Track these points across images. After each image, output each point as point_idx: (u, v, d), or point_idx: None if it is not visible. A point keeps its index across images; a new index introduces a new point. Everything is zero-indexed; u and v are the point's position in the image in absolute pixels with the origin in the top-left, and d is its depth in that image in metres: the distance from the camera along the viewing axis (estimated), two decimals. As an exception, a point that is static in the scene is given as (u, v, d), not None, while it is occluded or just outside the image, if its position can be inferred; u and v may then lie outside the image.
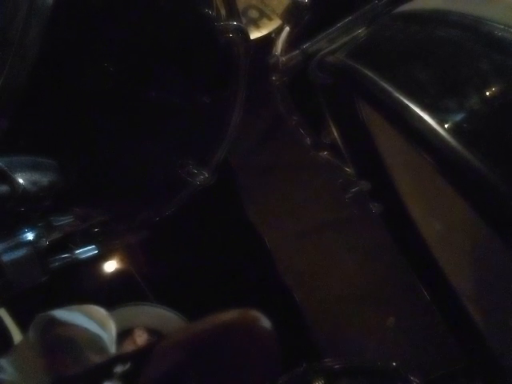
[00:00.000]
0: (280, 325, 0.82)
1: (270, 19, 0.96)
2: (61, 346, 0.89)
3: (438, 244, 0.63)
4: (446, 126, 0.34)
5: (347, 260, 1.25)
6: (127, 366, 0.77)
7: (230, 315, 0.79)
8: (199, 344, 0.78)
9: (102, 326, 0.95)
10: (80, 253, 0.60)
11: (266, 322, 0.78)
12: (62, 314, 0.92)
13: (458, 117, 0.35)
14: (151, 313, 1.23)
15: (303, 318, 1.28)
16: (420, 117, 0.35)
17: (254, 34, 0.94)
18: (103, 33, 0.48)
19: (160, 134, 0.59)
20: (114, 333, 0.98)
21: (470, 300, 0.62)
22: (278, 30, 0.80)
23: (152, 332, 1.19)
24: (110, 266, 1.31)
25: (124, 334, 1.13)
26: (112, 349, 0.94)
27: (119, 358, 0.81)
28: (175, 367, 0.75)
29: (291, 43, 0.73)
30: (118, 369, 0.77)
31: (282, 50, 0.74)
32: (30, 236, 0.48)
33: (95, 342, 0.92)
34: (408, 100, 0.37)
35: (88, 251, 0.61)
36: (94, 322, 0.94)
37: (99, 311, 0.98)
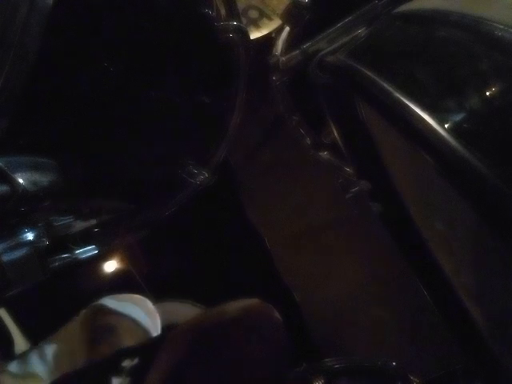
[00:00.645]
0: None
1: (270, 19, 0.96)
2: (101, 334, 0.89)
3: (438, 244, 0.63)
4: (446, 126, 0.34)
5: (347, 260, 1.25)
6: (135, 360, 0.77)
7: (240, 305, 0.79)
8: (208, 335, 0.78)
9: (150, 316, 0.96)
10: (80, 253, 0.60)
11: (277, 314, 0.78)
12: (111, 302, 0.93)
13: (458, 117, 0.35)
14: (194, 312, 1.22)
15: (303, 318, 1.28)
16: (420, 117, 0.35)
17: (254, 34, 0.94)
18: (103, 33, 0.48)
19: (160, 133, 0.59)
20: (159, 326, 0.98)
21: (470, 300, 0.62)
22: (278, 30, 0.80)
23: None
24: (110, 266, 1.31)
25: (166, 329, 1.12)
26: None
27: (127, 353, 0.81)
28: (184, 359, 0.75)
29: (291, 43, 0.73)
30: (126, 363, 0.77)
31: (281, 50, 0.74)
32: (30, 236, 0.48)
33: (138, 332, 0.92)
34: (408, 100, 0.37)
35: (88, 251, 0.61)
36: (142, 311, 0.95)
37: (147, 302, 0.98)
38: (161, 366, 0.74)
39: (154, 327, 0.96)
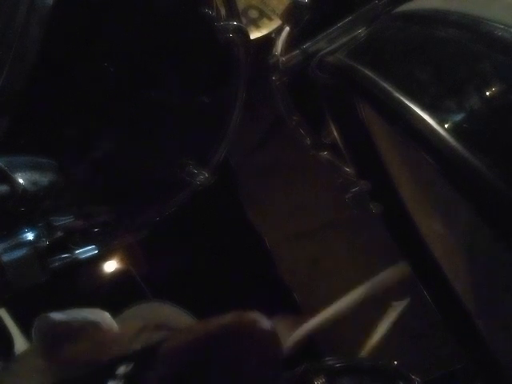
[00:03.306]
0: (280, 325, 0.81)
1: (270, 19, 0.96)
2: (60, 337, 0.88)
3: (438, 244, 0.63)
4: (446, 126, 0.34)
5: (347, 260, 1.25)
6: (130, 366, 0.77)
7: (227, 319, 0.79)
8: (199, 349, 0.77)
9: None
10: (80, 253, 0.60)
11: (265, 324, 0.78)
12: (59, 314, 0.92)
13: (458, 117, 0.35)
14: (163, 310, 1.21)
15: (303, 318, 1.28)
16: (420, 117, 0.35)
17: (254, 34, 0.93)
18: (103, 33, 0.48)
19: (160, 134, 0.59)
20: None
21: (469, 300, 0.62)
22: (278, 30, 0.80)
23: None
24: (110, 266, 1.31)
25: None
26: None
27: (122, 359, 0.80)
28: (176, 373, 0.75)
29: (291, 43, 0.73)
30: (121, 370, 0.77)
31: (282, 50, 0.74)
32: (30, 236, 0.48)
33: (93, 325, 0.91)
34: (408, 100, 0.37)
35: (88, 251, 0.61)
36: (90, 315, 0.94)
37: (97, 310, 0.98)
38: (157, 379, 0.74)
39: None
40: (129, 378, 0.75)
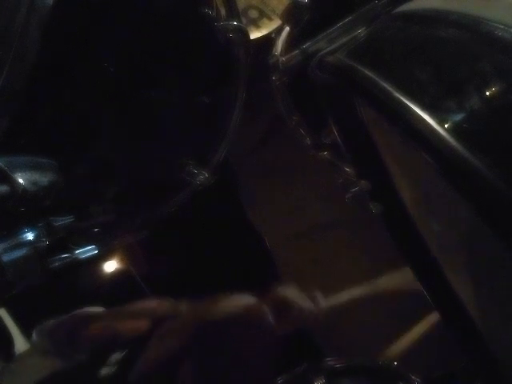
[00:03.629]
0: (280, 325, 0.81)
1: (270, 19, 0.96)
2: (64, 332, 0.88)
3: (438, 244, 0.63)
4: (446, 126, 0.34)
5: (347, 260, 1.25)
6: (124, 352, 0.77)
7: (237, 305, 0.79)
8: (201, 331, 0.77)
9: None
10: (80, 253, 0.60)
11: (272, 319, 0.78)
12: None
13: (458, 117, 0.35)
14: None
15: (303, 318, 1.28)
16: (420, 117, 0.35)
17: (254, 34, 0.93)
18: (103, 33, 0.48)
19: (160, 134, 0.59)
20: None
21: (469, 300, 0.62)
22: (278, 30, 0.80)
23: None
24: (110, 266, 1.30)
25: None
26: None
27: (116, 344, 0.80)
28: (174, 353, 0.75)
29: (291, 43, 0.73)
30: (116, 355, 0.76)
31: (282, 50, 0.74)
32: (30, 236, 0.49)
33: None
34: (408, 100, 0.37)
35: (88, 251, 0.61)
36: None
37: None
38: (154, 354, 0.74)
39: None
40: (122, 363, 0.75)
